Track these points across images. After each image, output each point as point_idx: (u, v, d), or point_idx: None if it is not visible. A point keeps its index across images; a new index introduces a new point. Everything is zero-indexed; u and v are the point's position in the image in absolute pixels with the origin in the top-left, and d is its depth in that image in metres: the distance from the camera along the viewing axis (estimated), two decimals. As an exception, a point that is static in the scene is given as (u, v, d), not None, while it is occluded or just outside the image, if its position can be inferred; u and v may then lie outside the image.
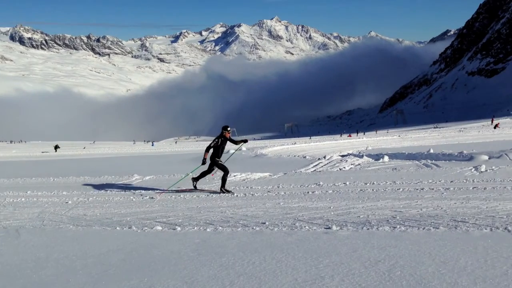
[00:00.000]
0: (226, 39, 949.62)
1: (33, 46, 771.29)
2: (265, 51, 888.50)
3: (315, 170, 14.32)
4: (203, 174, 11.29)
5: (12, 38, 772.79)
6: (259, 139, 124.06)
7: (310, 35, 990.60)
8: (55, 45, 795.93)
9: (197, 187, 11.28)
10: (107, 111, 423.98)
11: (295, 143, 39.09)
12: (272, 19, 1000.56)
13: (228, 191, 10.39)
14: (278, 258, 4.65)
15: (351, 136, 60.73)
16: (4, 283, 4.45)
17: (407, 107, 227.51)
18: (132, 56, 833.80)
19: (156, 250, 5.33)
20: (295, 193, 9.69)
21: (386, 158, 15.89)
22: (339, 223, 6.44)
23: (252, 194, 9.93)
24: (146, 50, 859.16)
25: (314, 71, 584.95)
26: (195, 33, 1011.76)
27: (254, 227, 6.51)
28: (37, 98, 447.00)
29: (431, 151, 17.27)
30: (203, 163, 10.86)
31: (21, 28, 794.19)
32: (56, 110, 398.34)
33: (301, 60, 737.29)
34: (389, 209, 7.33)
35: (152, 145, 74.03)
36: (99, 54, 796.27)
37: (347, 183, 10.51)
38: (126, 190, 11.69)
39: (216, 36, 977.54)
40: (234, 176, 12.87)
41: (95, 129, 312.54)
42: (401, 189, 9.21)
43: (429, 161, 14.32)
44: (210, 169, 11.19)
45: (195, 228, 6.67)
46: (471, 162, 13.12)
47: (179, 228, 6.69)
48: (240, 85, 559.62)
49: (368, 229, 5.90)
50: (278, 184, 11.12)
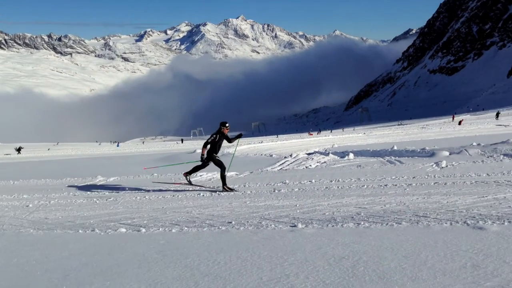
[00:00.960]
0: (192, 38, 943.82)
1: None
2: (231, 50, 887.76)
3: (282, 169, 14.37)
4: (196, 169, 11.07)
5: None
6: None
7: (276, 34, 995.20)
8: (15, 45, 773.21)
9: (194, 183, 11.06)
10: (71, 112, 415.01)
11: (262, 142, 39.17)
12: (238, 18, 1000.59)
13: (231, 189, 10.22)
14: (244, 258, 4.63)
15: (313, 135, 61.38)
16: (-41, 292, 4.29)
17: (372, 105, 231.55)
18: (95, 56, 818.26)
19: (120, 253, 5.23)
20: (262, 192, 9.69)
21: (351, 156, 16.11)
22: (305, 221, 6.47)
23: (219, 194, 9.89)
24: (110, 49, 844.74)
25: (281, 70, 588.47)
26: (160, 32, 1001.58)
27: (220, 227, 6.48)
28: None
29: (395, 148, 17.60)
30: (202, 159, 10.73)
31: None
32: (17, 111, 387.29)
33: (267, 59, 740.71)
34: (354, 206, 7.42)
35: (118, 146, 72.86)
36: (61, 54, 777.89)
37: (313, 181, 10.59)
38: (90, 192, 11.45)
39: (182, 35, 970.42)
40: (200, 176, 12.79)
41: (59, 130, 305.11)
42: (366, 186, 9.33)
43: (393, 158, 14.60)
44: (205, 164, 10.95)
45: (160, 229, 6.58)
46: (433, 158, 13.43)
47: (144, 230, 6.59)
48: (207, 84, 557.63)
49: (333, 226, 5.95)
50: (245, 183, 11.10)
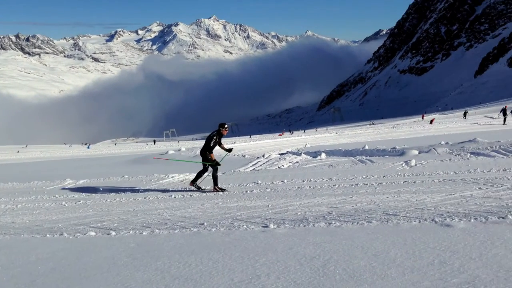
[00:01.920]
0: (164, 38, 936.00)
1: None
2: (204, 51, 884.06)
3: (254, 169, 14.39)
4: (200, 174, 10.65)
5: None
6: (199, 139, 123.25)
7: (248, 34, 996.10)
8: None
9: (201, 187, 10.78)
10: (40, 113, 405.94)
11: (235, 142, 39.11)
12: (210, 18, 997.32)
13: (222, 189, 10.12)
14: (215, 259, 4.61)
15: (282, 135, 61.71)
16: None
17: (344, 105, 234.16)
18: (65, 56, 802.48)
19: (88, 257, 5.14)
20: (234, 193, 9.68)
21: (323, 155, 16.24)
22: (277, 221, 6.48)
23: (191, 195, 9.83)
24: (80, 50, 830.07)
25: (253, 70, 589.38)
26: (131, 32, 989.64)
27: (192, 229, 6.43)
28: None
29: (366, 148, 17.82)
30: (217, 164, 10.51)
31: None
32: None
33: (240, 59, 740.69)
34: (326, 206, 7.47)
35: (88, 148, 71.69)
36: (29, 54, 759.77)
37: (285, 181, 10.62)
38: (58, 195, 11.22)
39: (153, 35, 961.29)
40: (172, 177, 12.69)
41: (28, 132, 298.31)
42: (337, 185, 9.42)
43: (364, 157, 14.77)
44: (205, 167, 10.62)
45: (131, 232, 6.50)
46: (403, 157, 13.65)
47: (114, 233, 6.50)
48: (179, 85, 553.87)
49: (305, 226, 5.97)
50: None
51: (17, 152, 57.62)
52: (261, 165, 15.44)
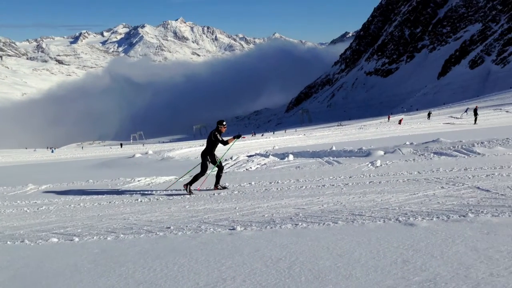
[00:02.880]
0: (130, 40, 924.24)
1: None
2: (171, 53, 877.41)
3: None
4: (197, 177, 10.34)
5: None
6: (168, 142, 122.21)
7: (216, 37, 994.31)
8: None
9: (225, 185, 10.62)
10: (2, 118, 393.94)
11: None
12: (177, 20, 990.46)
13: (224, 187, 10.28)
14: (181, 263, 4.57)
15: (245, 138, 61.89)
16: None
17: (312, 106, 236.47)
18: (27, 58, 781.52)
19: (50, 264, 5.00)
20: (201, 196, 9.62)
21: (291, 157, 16.31)
22: (244, 224, 6.47)
23: (157, 199, 9.70)
24: (43, 52, 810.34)
25: (221, 72, 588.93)
26: (96, 34, 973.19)
27: (158, 233, 6.35)
28: None
29: (334, 149, 17.99)
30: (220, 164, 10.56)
31: None
32: None
33: (208, 62, 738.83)
34: (293, 207, 7.50)
35: (52, 152, 70.04)
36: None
37: (253, 183, 10.62)
38: (20, 201, 10.89)
39: (119, 37, 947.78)
40: (139, 181, 12.51)
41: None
42: (304, 187, 9.47)
43: (331, 158, 14.91)
44: (204, 171, 10.41)
45: (95, 238, 6.36)
46: (369, 158, 13.84)
47: (77, 239, 6.35)
48: (146, 87, 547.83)
49: (272, 228, 5.98)
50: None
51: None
52: (229, 167, 15.39)
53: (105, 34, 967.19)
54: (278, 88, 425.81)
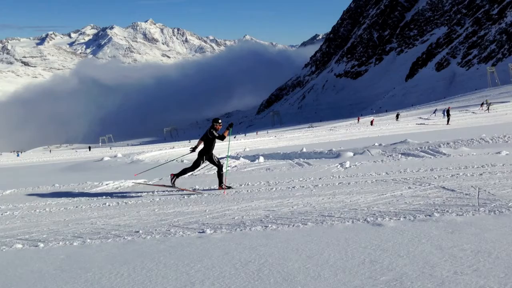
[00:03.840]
0: (98, 42, 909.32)
1: None
2: (141, 54, 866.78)
3: (192, 174, 14.22)
4: (185, 171, 10.54)
5: None
6: (137, 145, 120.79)
7: (186, 38, 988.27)
8: None
9: (178, 187, 10.54)
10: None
11: (174, 148, 38.60)
12: (147, 22, 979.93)
13: (228, 187, 10.15)
14: (149, 268, 4.51)
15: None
16: None
17: (283, 108, 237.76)
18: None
19: (14, 271, 4.86)
20: (171, 199, 9.51)
21: (262, 159, 16.34)
22: (214, 226, 6.43)
23: (126, 203, 9.54)
24: (8, 53, 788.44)
25: (192, 74, 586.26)
26: (63, 35, 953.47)
27: (126, 237, 6.24)
28: None
29: (304, 150, 18.12)
30: (219, 163, 10.55)
31: None
32: None
33: (178, 63, 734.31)
34: (263, 209, 7.50)
35: (18, 156, 68.27)
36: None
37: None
38: (-17, 207, 10.55)
39: (87, 38, 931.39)
40: (107, 185, 12.30)
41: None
42: (274, 189, 9.49)
43: (302, 160, 14.99)
44: (196, 166, 10.56)
45: (61, 243, 6.21)
46: (338, 159, 13.99)
47: (42, 245, 6.19)
48: (115, 89, 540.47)
49: (242, 230, 5.97)
50: (153, 191, 10.83)
51: None
52: (199, 170, 15.30)
53: (73, 35, 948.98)
54: (249, 90, 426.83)
